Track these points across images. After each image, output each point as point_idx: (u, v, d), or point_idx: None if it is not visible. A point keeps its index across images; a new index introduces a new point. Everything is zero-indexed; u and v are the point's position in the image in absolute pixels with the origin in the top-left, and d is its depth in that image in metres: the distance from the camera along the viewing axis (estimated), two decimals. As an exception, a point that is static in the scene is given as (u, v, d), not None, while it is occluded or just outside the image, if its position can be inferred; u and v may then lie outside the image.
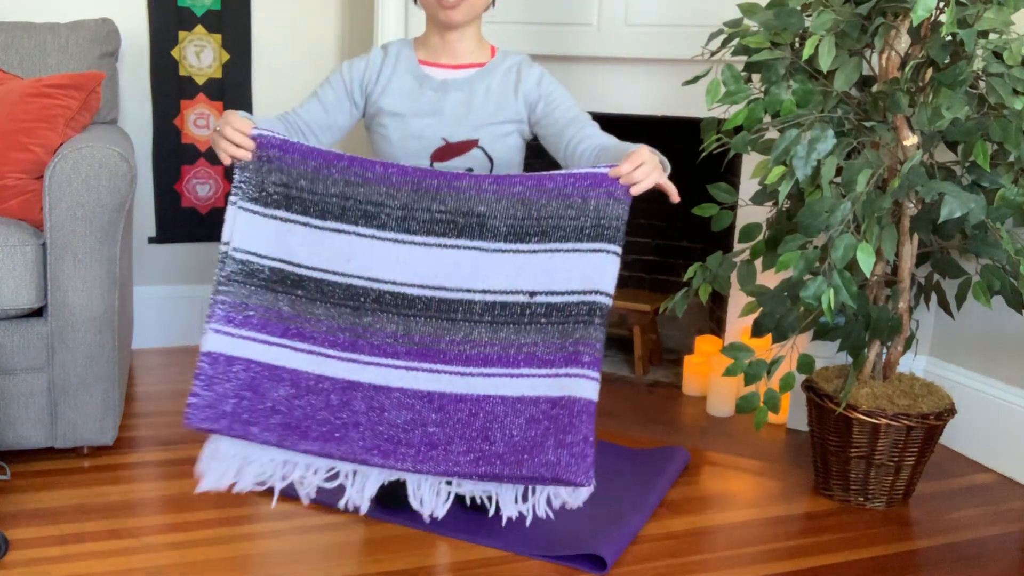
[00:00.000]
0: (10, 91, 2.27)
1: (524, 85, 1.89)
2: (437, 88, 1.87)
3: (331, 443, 1.46)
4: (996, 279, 1.96)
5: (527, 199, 1.46)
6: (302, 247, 1.49)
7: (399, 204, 1.47)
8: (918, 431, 2.03)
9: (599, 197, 1.47)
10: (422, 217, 1.46)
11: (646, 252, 3.23)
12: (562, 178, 1.48)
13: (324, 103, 1.88)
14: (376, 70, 1.90)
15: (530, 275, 1.44)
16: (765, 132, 2.02)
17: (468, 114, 1.86)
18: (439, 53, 1.90)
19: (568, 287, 1.43)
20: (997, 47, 1.81)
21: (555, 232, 1.45)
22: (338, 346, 1.48)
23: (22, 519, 1.87)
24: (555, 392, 1.43)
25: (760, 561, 1.85)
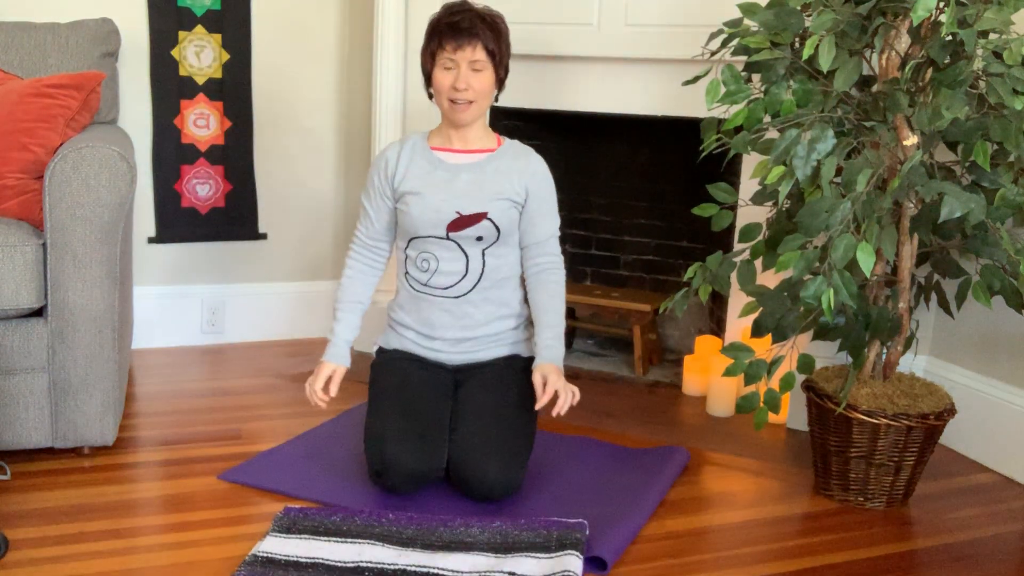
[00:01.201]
0: (10, 91, 2.27)
1: (528, 174, 2.15)
2: (450, 170, 2.13)
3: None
4: (996, 279, 1.96)
5: (504, 530, 1.86)
6: (320, 546, 1.80)
7: (407, 536, 1.84)
8: (918, 431, 2.03)
9: (560, 530, 1.86)
10: (424, 541, 1.83)
11: (646, 252, 3.23)
12: (532, 520, 1.90)
13: (374, 217, 2.20)
14: (395, 164, 2.16)
15: (510, 564, 1.76)
16: (765, 132, 2.02)
17: (479, 191, 2.11)
18: (452, 140, 2.16)
19: (540, 572, 1.74)
20: (997, 47, 1.81)
21: (527, 548, 1.81)
22: None
23: (22, 519, 1.87)
24: None
25: (760, 561, 1.85)
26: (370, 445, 2.00)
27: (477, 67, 2.07)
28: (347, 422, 2.41)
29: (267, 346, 3.08)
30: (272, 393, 2.66)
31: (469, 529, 1.86)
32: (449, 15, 2.08)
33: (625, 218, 3.23)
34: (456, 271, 2.12)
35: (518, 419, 2.06)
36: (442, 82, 2.08)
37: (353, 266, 2.23)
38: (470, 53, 2.05)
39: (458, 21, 2.05)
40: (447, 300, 2.14)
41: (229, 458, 2.20)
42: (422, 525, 1.87)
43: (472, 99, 2.08)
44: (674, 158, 3.08)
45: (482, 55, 2.07)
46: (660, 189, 3.15)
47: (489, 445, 1.97)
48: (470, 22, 2.05)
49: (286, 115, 3.07)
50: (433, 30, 2.10)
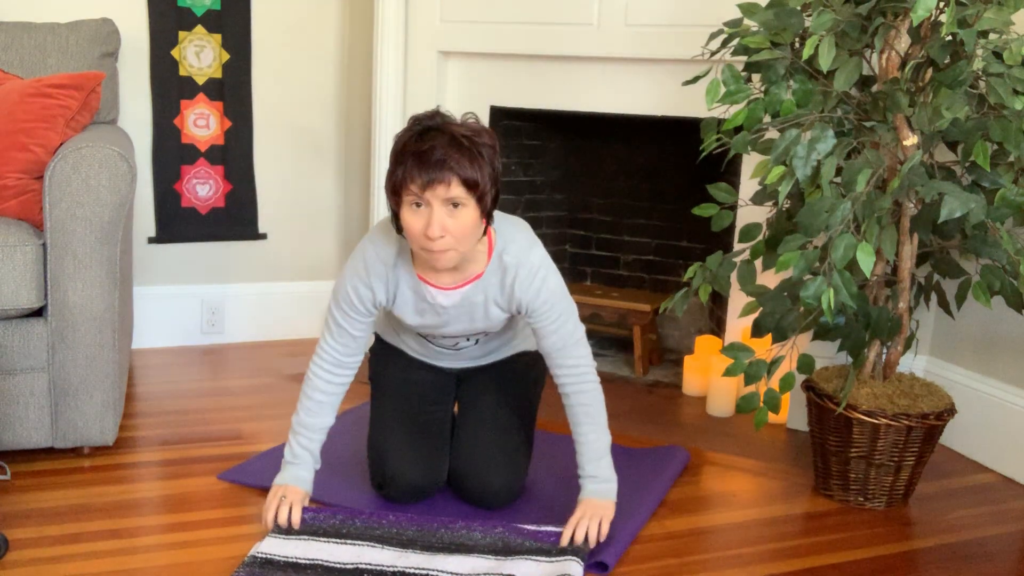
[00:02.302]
0: (10, 91, 2.27)
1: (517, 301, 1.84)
2: (440, 311, 1.86)
3: None
4: (996, 279, 1.96)
5: (506, 538, 1.83)
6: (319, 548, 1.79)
7: (407, 538, 1.83)
8: (918, 431, 2.03)
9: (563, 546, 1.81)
10: (424, 543, 1.81)
11: (646, 252, 3.23)
12: (534, 529, 1.86)
13: (354, 335, 1.88)
14: (383, 293, 1.85)
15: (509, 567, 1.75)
16: (765, 132, 2.02)
17: (471, 323, 1.90)
18: (438, 273, 1.82)
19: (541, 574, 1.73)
20: (997, 47, 1.81)
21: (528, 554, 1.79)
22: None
23: (22, 519, 1.87)
24: None
25: (760, 561, 1.85)
26: (372, 458, 1.99)
27: (454, 205, 1.66)
28: (348, 422, 2.41)
29: (267, 346, 3.08)
30: (272, 393, 2.66)
31: (471, 532, 1.85)
32: (417, 140, 1.66)
33: (625, 218, 3.22)
34: (456, 341, 2.01)
35: (520, 426, 2.04)
36: (412, 226, 1.68)
37: (323, 388, 1.89)
38: (443, 191, 1.64)
39: (427, 151, 1.63)
40: (450, 350, 2.05)
41: (229, 458, 2.20)
42: (423, 527, 1.86)
43: (450, 246, 1.68)
44: (674, 158, 3.08)
45: (459, 191, 1.65)
46: (660, 189, 3.15)
47: (492, 456, 1.96)
48: (443, 152, 1.63)
49: (286, 115, 3.07)
50: (397, 159, 1.68)
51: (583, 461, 1.88)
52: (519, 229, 1.88)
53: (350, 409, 2.51)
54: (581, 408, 1.90)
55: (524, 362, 2.12)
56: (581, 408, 1.90)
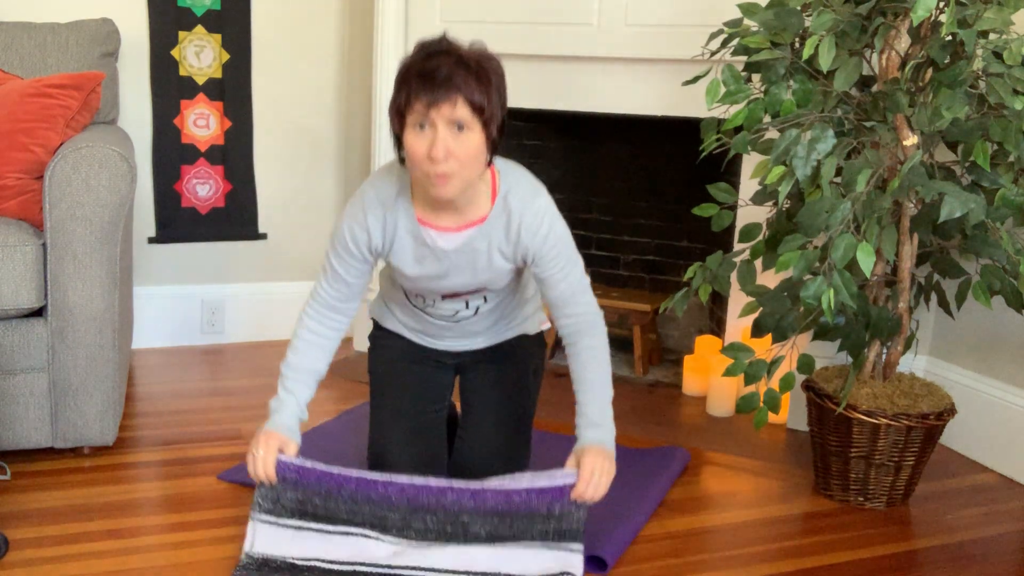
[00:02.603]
0: (10, 91, 2.27)
1: (523, 247, 1.78)
2: (440, 256, 1.79)
3: None
4: (996, 279, 1.96)
5: (500, 511, 1.75)
6: (313, 548, 1.74)
7: (399, 517, 1.77)
8: (918, 431, 2.03)
9: (562, 505, 1.73)
10: (418, 527, 1.76)
11: (646, 252, 3.23)
12: (527, 493, 1.75)
13: (347, 279, 1.83)
14: (379, 237, 1.80)
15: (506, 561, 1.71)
16: (765, 132, 2.02)
17: (473, 274, 1.82)
18: (439, 213, 1.77)
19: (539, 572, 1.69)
20: (997, 47, 1.81)
21: (525, 535, 1.74)
22: None
23: (22, 519, 1.87)
24: None
25: (760, 561, 1.85)
26: (372, 459, 1.99)
27: (459, 127, 1.61)
28: (347, 421, 2.41)
29: (267, 346, 3.08)
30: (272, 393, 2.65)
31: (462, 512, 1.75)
32: (423, 59, 1.62)
33: (625, 218, 3.22)
34: (455, 308, 1.92)
35: (521, 422, 2.03)
36: (415, 149, 1.62)
37: (313, 329, 1.85)
38: (448, 111, 1.59)
39: (433, 69, 1.59)
40: (447, 322, 1.96)
41: (229, 458, 2.20)
42: (415, 501, 1.75)
43: (454, 171, 1.62)
44: (674, 158, 3.08)
45: (465, 112, 1.60)
46: (660, 189, 3.15)
47: (493, 457, 1.95)
48: (449, 70, 1.59)
49: (286, 115, 3.07)
50: (402, 80, 1.63)
51: (589, 408, 1.78)
52: (523, 174, 1.83)
53: (350, 409, 2.51)
54: (588, 352, 1.82)
55: (524, 351, 2.05)
56: (588, 352, 1.82)
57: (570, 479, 1.73)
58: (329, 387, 2.71)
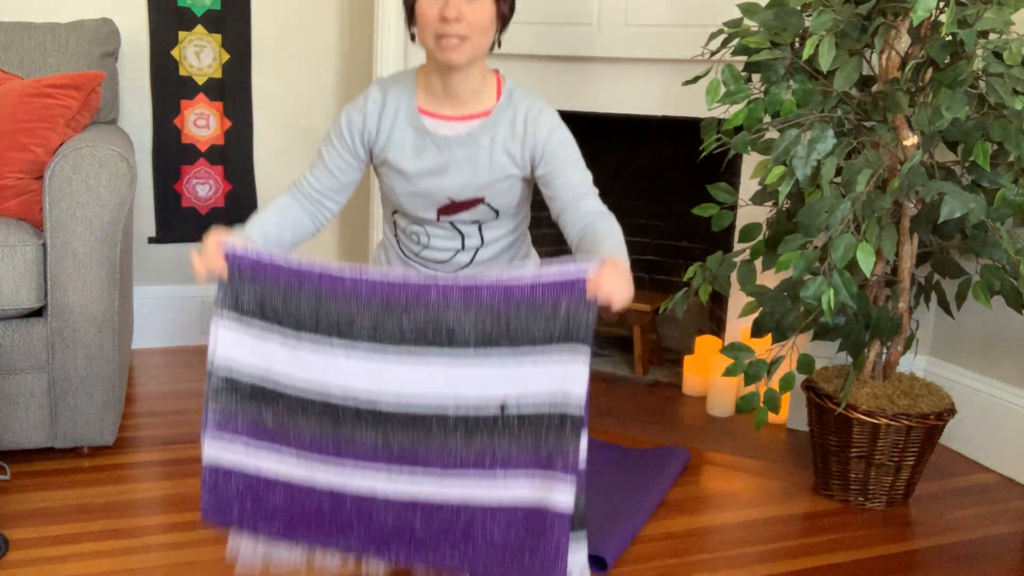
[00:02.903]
0: (10, 91, 2.27)
1: (531, 141, 1.75)
2: (440, 145, 1.75)
3: (331, 539, 1.56)
4: (996, 279, 1.96)
5: (495, 309, 1.48)
6: (279, 361, 1.54)
7: (370, 317, 1.51)
8: (918, 431, 2.03)
9: (570, 302, 1.46)
10: (393, 329, 1.50)
11: (646, 252, 3.23)
12: (531, 288, 1.47)
13: (332, 168, 1.78)
14: (375, 123, 1.77)
15: (500, 384, 1.47)
16: (765, 132, 2.02)
17: (474, 174, 1.75)
18: (441, 100, 1.76)
19: (539, 399, 1.47)
20: (997, 47, 1.81)
21: (524, 337, 1.47)
22: (323, 453, 1.54)
23: (22, 519, 1.87)
24: (528, 498, 1.48)
25: (760, 561, 1.85)
26: None
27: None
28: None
29: (267, 346, 3.08)
30: (272, 393, 2.66)
31: (447, 313, 1.49)
32: None
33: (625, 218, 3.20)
34: (450, 247, 1.83)
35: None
36: (427, 11, 1.64)
37: (282, 205, 1.77)
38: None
39: None
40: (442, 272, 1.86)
41: (229, 458, 2.20)
42: (390, 299, 1.51)
43: (465, 34, 1.65)
44: (674, 158, 3.08)
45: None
46: (660, 189, 3.15)
47: None
48: None
49: (286, 115, 3.07)
50: None
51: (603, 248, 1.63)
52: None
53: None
54: (606, 230, 1.71)
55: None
56: (606, 230, 1.71)
57: (583, 273, 1.46)
58: (329, 387, 2.71)
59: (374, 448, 1.51)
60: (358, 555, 1.56)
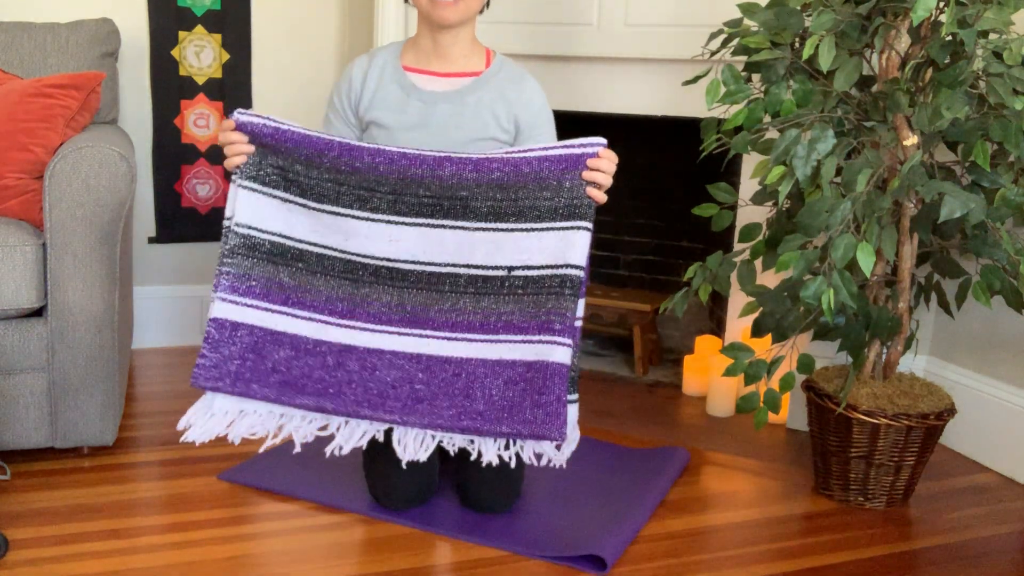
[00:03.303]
0: (10, 91, 2.27)
1: (517, 108, 1.82)
2: (425, 100, 1.80)
3: (325, 398, 1.61)
4: (996, 279, 1.96)
5: (505, 183, 1.59)
6: (301, 224, 1.62)
7: (388, 190, 1.60)
8: (918, 431, 2.03)
9: (574, 179, 1.59)
10: (410, 201, 1.60)
11: (646, 252, 3.23)
12: (538, 162, 1.59)
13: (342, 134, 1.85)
14: (360, 85, 1.83)
15: (508, 252, 1.59)
16: (765, 132, 2.02)
17: (457, 129, 1.80)
18: (430, 58, 1.82)
19: (542, 262, 1.58)
20: (997, 47, 1.81)
21: (531, 212, 1.59)
22: (336, 314, 1.63)
23: (22, 519, 1.87)
24: (530, 357, 1.59)
25: (760, 561, 1.85)
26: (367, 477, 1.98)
27: None
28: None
29: (267, 346, 3.08)
30: (272, 393, 2.66)
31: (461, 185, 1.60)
32: None
33: (625, 218, 3.23)
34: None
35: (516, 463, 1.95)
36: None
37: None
38: None
39: None
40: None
41: (229, 458, 2.20)
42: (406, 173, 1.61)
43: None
44: (674, 158, 3.08)
45: None
46: (660, 189, 3.15)
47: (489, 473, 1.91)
48: None
49: (286, 115, 3.06)
50: None
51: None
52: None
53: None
54: None
55: None
56: None
57: (591, 149, 1.60)
58: (329, 387, 2.71)
59: (388, 307, 1.61)
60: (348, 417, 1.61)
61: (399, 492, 1.93)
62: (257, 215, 1.61)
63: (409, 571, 1.75)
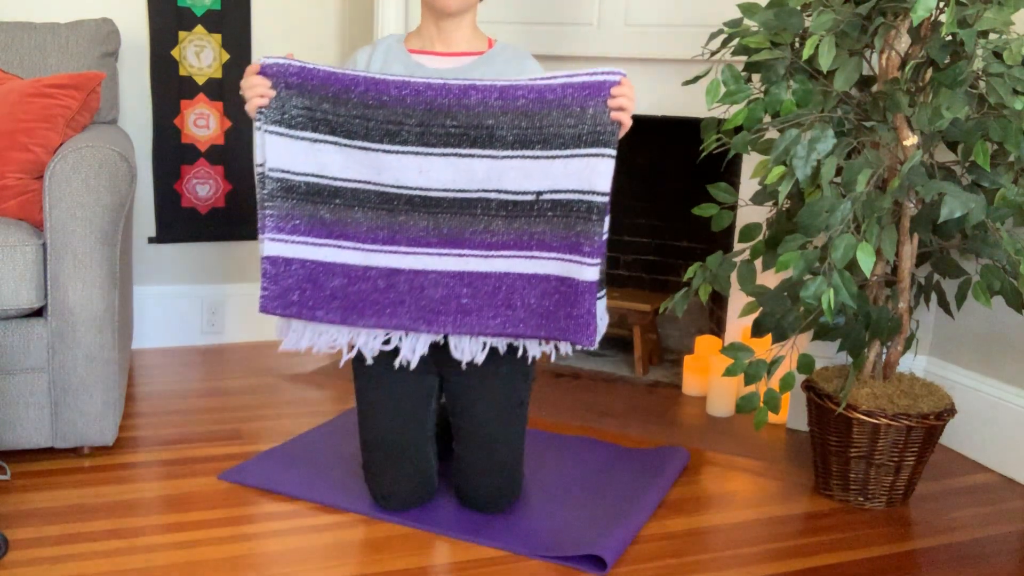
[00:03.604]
0: (10, 91, 2.27)
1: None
2: (430, 76, 1.80)
3: (383, 318, 1.72)
4: (996, 279, 1.96)
5: (530, 111, 1.65)
6: (333, 163, 1.68)
7: (416, 122, 1.67)
8: (918, 431, 2.03)
9: (596, 106, 1.64)
10: (438, 132, 1.67)
11: (646, 252, 3.23)
12: (561, 88, 1.65)
13: None
14: (364, 66, 1.88)
15: (537, 179, 1.66)
16: (765, 132, 2.02)
17: None
18: (434, 42, 1.88)
19: (569, 187, 1.64)
20: (997, 47, 1.81)
21: (556, 140, 1.65)
22: (379, 241, 1.72)
23: (22, 519, 1.87)
24: (562, 273, 1.68)
25: (760, 561, 1.85)
26: (366, 478, 1.98)
27: None
28: (347, 422, 2.41)
29: (267, 346, 3.08)
30: (272, 393, 2.66)
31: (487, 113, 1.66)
32: None
33: (625, 218, 3.23)
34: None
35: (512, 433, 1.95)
36: None
37: None
38: None
39: None
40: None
41: (229, 458, 2.20)
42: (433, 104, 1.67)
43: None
44: (674, 158, 3.08)
45: None
46: (660, 189, 3.15)
47: (488, 473, 1.93)
48: None
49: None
50: None
51: None
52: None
53: (348, 411, 2.51)
54: None
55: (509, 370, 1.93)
56: None
57: (613, 76, 1.66)
58: (328, 387, 2.71)
59: (426, 232, 1.70)
60: (406, 330, 1.73)
61: (399, 494, 1.94)
62: (287, 159, 1.66)
63: (409, 571, 1.75)
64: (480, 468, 1.93)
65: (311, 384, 2.74)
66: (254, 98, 1.71)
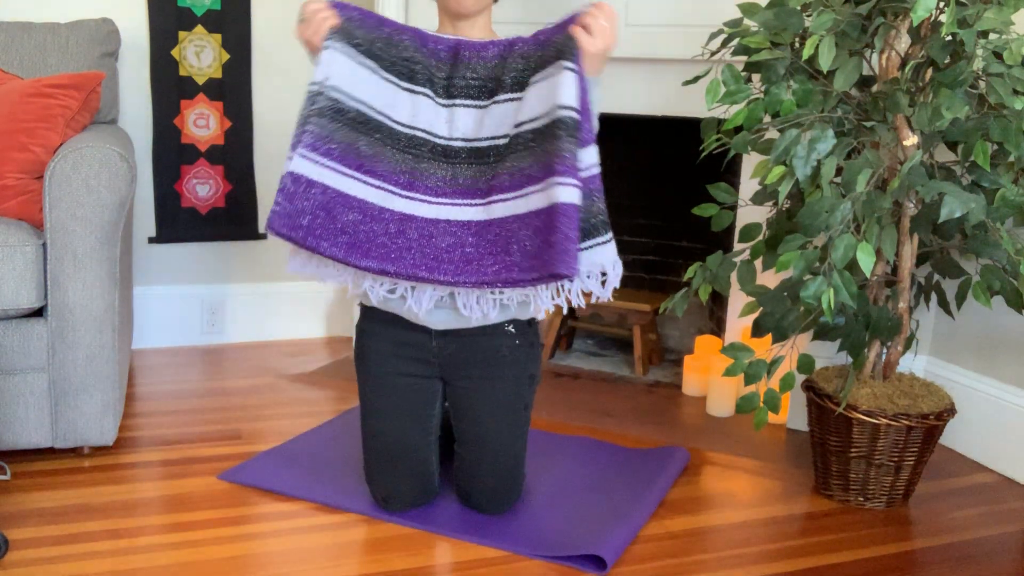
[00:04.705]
0: (10, 91, 2.27)
1: None
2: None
3: (387, 262, 1.74)
4: (996, 279, 1.96)
5: (526, 53, 1.78)
6: (381, 96, 1.76)
7: (444, 75, 1.80)
8: (918, 431, 2.03)
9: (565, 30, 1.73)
10: (460, 84, 1.80)
11: (646, 252, 3.23)
12: (552, 30, 1.77)
13: None
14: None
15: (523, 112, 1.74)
16: (765, 132, 2.02)
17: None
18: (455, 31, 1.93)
19: (540, 112, 1.71)
20: (997, 47, 1.81)
21: (535, 72, 1.75)
22: (399, 184, 1.78)
23: (22, 519, 1.87)
24: (544, 203, 1.70)
25: (760, 561, 1.85)
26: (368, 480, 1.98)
27: None
28: (347, 422, 2.41)
29: (267, 346, 3.08)
30: (272, 393, 2.66)
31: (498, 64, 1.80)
32: None
33: (625, 218, 3.23)
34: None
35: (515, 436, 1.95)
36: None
37: None
38: None
39: None
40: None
41: (229, 458, 2.20)
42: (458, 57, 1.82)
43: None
44: (674, 158, 3.08)
45: None
46: (660, 189, 3.15)
47: (489, 475, 1.93)
48: None
49: (286, 115, 3.06)
50: None
51: None
52: None
53: (348, 411, 2.51)
54: None
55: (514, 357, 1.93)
56: None
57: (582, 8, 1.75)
58: (328, 387, 2.71)
59: (444, 181, 1.78)
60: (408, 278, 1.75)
61: (400, 497, 1.94)
62: (350, 81, 1.73)
63: (409, 571, 1.75)
64: (482, 470, 1.93)
65: (311, 384, 2.74)
66: (324, 20, 1.75)
